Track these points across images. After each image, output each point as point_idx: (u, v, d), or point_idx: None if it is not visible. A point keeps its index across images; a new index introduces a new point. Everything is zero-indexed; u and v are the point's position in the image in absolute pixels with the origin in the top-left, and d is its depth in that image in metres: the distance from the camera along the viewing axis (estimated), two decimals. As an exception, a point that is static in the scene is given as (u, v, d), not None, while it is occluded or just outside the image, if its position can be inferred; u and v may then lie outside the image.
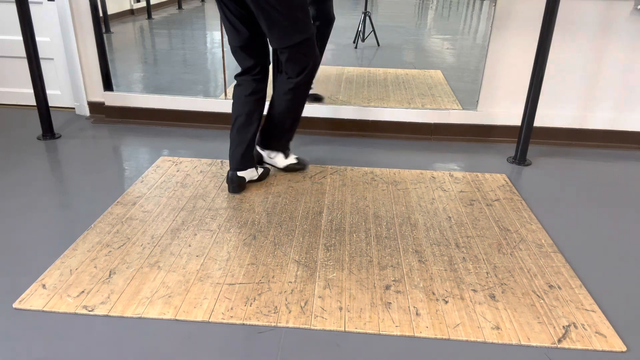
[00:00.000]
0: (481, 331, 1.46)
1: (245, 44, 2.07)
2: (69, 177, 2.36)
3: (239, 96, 2.17)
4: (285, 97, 2.18)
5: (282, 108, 2.21)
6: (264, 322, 1.47)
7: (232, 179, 2.20)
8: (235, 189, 2.22)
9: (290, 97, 2.17)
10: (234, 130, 2.19)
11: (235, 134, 2.18)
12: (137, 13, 3.95)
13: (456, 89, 3.36)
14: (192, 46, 4.08)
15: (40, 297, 1.54)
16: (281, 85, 2.18)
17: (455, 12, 4.65)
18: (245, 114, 2.16)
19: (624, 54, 2.76)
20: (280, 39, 2.01)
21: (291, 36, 2.01)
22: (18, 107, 3.28)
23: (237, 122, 2.18)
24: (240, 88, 2.17)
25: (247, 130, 2.18)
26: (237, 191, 2.22)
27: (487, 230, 1.99)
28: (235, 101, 2.18)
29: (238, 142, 2.18)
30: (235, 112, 2.18)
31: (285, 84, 2.16)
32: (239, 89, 2.17)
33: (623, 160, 2.77)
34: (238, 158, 2.19)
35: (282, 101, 2.19)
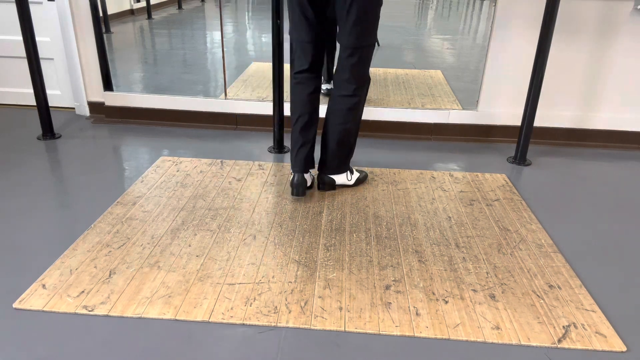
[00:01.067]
0: (481, 331, 1.46)
1: (314, 38, 2.03)
2: (69, 177, 2.36)
3: (301, 95, 2.11)
4: (350, 114, 2.10)
5: (348, 127, 2.12)
6: (264, 322, 1.47)
7: (299, 182, 2.14)
8: (300, 192, 2.16)
9: (355, 113, 2.11)
10: (297, 130, 2.12)
11: (299, 135, 2.13)
12: (137, 13, 3.95)
13: (456, 89, 3.36)
14: (192, 46, 4.08)
15: (40, 297, 1.54)
16: (342, 104, 2.09)
17: (455, 12, 4.65)
18: (309, 113, 2.11)
19: (624, 53, 2.76)
20: (362, 36, 1.96)
21: (369, 35, 1.99)
22: (18, 107, 3.28)
23: (299, 121, 2.12)
24: (301, 86, 2.11)
25: (311, 130, 2.14)
26: (301, 194, 2.17)
27: (487, 230, 1.99)
28: (297, 100, 2.12)
29: (303, 142, 2.14)
30: (296, 112, 2.12)
31: (346, 102, 2.08)
32: (300, 87, 2.11)
33: (623, 160, 2.77)
34: (303, 158, 2.14)
35: (346, 120, 2.11)
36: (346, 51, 2.01)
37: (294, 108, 2.14)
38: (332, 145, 2.16)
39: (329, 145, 2.17)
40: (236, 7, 4.95)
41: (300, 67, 2.11)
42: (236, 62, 3.87)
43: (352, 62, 2.02)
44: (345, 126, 2.12)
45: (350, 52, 2.00)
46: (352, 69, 2.03)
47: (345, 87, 2.06)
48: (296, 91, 2.13)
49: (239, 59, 3.94)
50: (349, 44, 1.99)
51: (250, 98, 3.08)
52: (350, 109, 2.09)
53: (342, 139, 2.14)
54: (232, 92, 3.24)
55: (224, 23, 4.48)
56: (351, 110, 2.09)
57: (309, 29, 2.01)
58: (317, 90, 2.14)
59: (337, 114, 2.11)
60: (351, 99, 2.08)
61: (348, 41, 1.98)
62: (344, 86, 2.07)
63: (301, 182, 2.15)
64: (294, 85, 2.14)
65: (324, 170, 2.23)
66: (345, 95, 2.08)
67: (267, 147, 2.77)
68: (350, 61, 2.02)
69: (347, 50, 2.00)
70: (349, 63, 2.02)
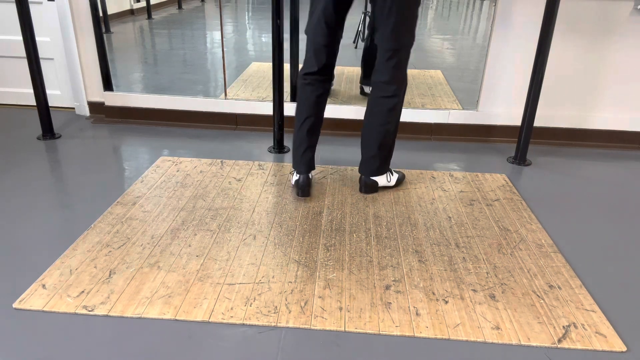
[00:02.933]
0: (481, 331, 1.46)
1: (330, 42, 2.03)
2: (69, 177, 2.36)
3: (309, 96, 2.10)
4: (390, 115, 2.08)
5: (388, 127, 2.10)
6: (264, 322, 1.47)
7: (304, 183, 2.15)
8: (306, 193, 2.18)
9: (394, 113, 2.09)
10: (303, 131, 2.12)
11: (305, 136, 2.12)
12: (137, 13, 3.95)
13: (456, 89, 3.36)
14: (192, 46, 4.08)
15: (40, 297, 1.54)
16: (382, 105, 2.07)
17: (455, 12, 4.65)
18: (315, 115, 2.11)
19: (624, 54, 2.76)
20: (402, 37, 1.96)
21: (409, 35, 1.98)
22: (18, 107, 3.28)
23: (306, 123, 2.11)
24: (311, 87, 2.09)
25: (317, 132, 2.15)
26: (307, 194, 2.18)
27: (487, 230, 1.99)
28: (304, 101, 2.10)
29: (308, 144, 2.14)
30: (304, 113, 2.11)
31: (387, 103, 2.06)
32: (309, 88, 2.10)
33: (623, 160, 2.77)
34: (308, 160, 2.15)
35: (386, 121, 2.09)
36: (386, 54, 1.99)
37: (301, 109, 2.12)
38: (373, 147, 2.14)
39: (370, 147, 2.15)
40: (236, 7, 4.95)
41: (311, 69, 2.09)
42: (236, 62, 3.87)
43: (392, 64, 2.00)
44: (385, 127, 2.10)
45: (391, 55, 1.99)
46: (392, 71, 2.02)
47: (385, 88, 2.05)
48: (305, 92, 2.11)
49: (239, 59, 3.94)
50: (389, 46, 1.97)
51: (250, 98, 3.08)
52: (391, 109, 2.07)
53: (383, 140, 2.12)
54: (232, 92, 3.24)
55: (224, 23, 4.47)
56: (391, 111, 2.08)
57: (327, 32, 2.00)
58: (325, 92, 2.13)
59: (377, 115, 2.09)
60: (391, 100, 2.06)
61: (388, 44, 1.97)
62: (383, 88, 2.05)
63: (307, 182, 2.16)
64: (302, 85, 2.12)
65: (366, 172, 2.21)
66: (385, 97, 2.06)
67: (267, 147, 2.77)
68: (390, 63, 2.00)
69: (388, 53, 1.99)
70: (389, 65, 2.01)
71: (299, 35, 3.00)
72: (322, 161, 2.60)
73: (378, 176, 2.22)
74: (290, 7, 2.93)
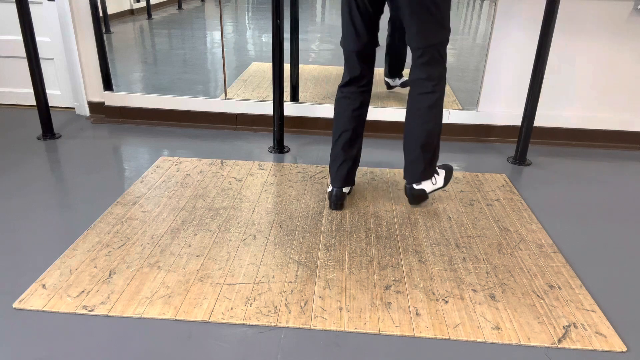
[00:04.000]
0: (481, 331, 1.46)
1: (362, 49, 1.95)
2: (69, 177, 2.36)
3: (345, 110, 2.03)
4: (431, 113, 1.97)
5: (430, 127, 1.99)
6: (264, 322, 1.47)
7: (337, 197, 2.09)
8: (339, 206, 2.11)
9: (436, 111, 1.98)
10: (339, 146, 2.06)
11: (340, 151, 2.06)
12: (137, 13, 3.95)
13: (456, 89, 3.36)
14: (192, 46, 4.08)
15: (40, 297, 1.54)
16: (421, 102, 1.97)
17: (455, 12, 4.65)
18: (352, 130, 2.05)
19: (624, 54, 2.76)
20: (430, 35, 1.88)
21: (441, 31, 1.89)
22: (18, 107, 3.28)
23: (342, 137, 2.05)
24: (347, 101, 2.03)
25: (354, 147, 2.08)
26: (339, 208, 2.11)
27: (487, 230, 1.99)
28: (341, 115, 2.05)
29: (344, 158, 2.07)
30: (340, 127, 2.05)
31: (426, 100, 1.96)
32: (345, 102, 2.04)
33: (623, 161, 2.77)
34: (344, 175, 2.08)
35: (427, 120, 1.98)
36: (417, 51, 1.92)
37: (338, 123, 2.07)
38: (416, 150, 2.02)
39: (412, 150, 2.04)
40: (236, 7, 4.95)
41: (345, 80, 2.03)
42: (236, 62, 3.87)
43: (424, 61, 1.92)
44: (426, 126, 1.98)
45: (421, 53, 1.91)
46: (426, 67, 1.93)
47: (423, 84, 1.96)
48: (341, 105, 2.05)
49: (239, 59, 3.94)
50: (418, 45, 1.90)
51: (250, 98, 3.08)
52: (431, 107, 1.96)
53: (425, 141, 2.00)
54: (232, 92, 3.24)
55: (224, 23, 4.48)
56: (431, 109, 1.97)
57: (356, 37, 1.93)
58: (363, 105, 2.06)
59: (416, 114, 1.99)
60: (430, 96, 1.95)
61: (417, 43, 1.89)
62: (421, 84, 1.96)
63: (340, 196, 2.10)
64: (339, 98, 2.06)
65: (411, 178, 2.08)
66: (424, 93, 1.96)
67: (267, 147, 2.77)
68: (422, 60, 1.92)
69: (418, 51, 1.91)
70: (421, 62, 1.93)
71: (299, 35, 3.00)
72: (322, 161, 2.60)
73: (423, 182, 2.09)
74: (290, 7, 2.93)
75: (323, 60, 3.94)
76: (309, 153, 2.70)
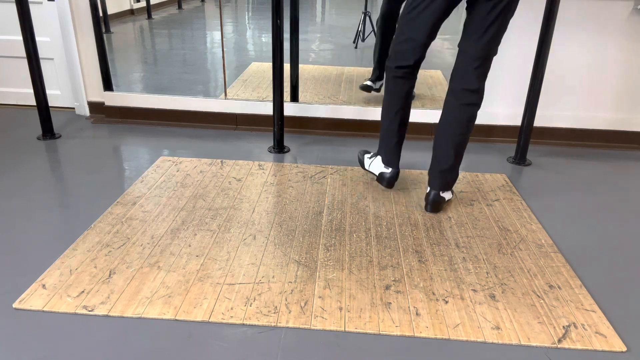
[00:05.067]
0: (481, 331, 1.46)
1: (428, 42, 2.01)
2: (69, 177, 2.36)
3: (401, 89, 2.08)
4: (471, 125, 2.01)
5: (467, 139, 2.03)
6: (264, 322, 1.47)
7: (394, 176, 2.19)
8: (392, 184, 2.22)
9: (473, 123, 2.02)
10: (395, 125, 2.12)
11: (397, 129, 2.13)
12: (137, 13, 3.95)
13: (456, 89, 3.35)
14: (192, 46, 4.08)
15: (40, 297, 1.54)
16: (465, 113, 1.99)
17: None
18: (406, 108, 2.11)
19: (624, 54, 2.76)
20: (494, 46, 1.92)
21: (498, 44, 1.94)
22: (18, 107, 3.28)
23: (397, 115, 2.11)
24: (403, 80, 2.07)
25: (407, 125, 2.17)
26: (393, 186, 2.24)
27: (487, 230, 1.99)
28: (396, 94, 2.08)
29: (399, 137, 2.16)
30: (396, 106, 2.10)
31: (470, 111, 1.98)
32: (401, 81, 2.07)
33: (623, 161, 2.77)
34: (399, 153, 2.19)
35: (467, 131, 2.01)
36: (476, 62, 1.92)
37: (394, 102, 2.10)
38: (451, 159, 2.03)
39: (447, 159, 2.04)
40: (236, 7, 4.95)
41: (405, 63, 2.04)
42: (236, 62, 3.87)
43: (480, 73, 1.94)
44: (464, 137, 2.02)
45: (481, 63, 1.92)
46: (480, 79, 1.95)
47: (471, 96, 1.97)
48: (397, 85, 2.08)
49: (239, 59, 3.94)
50: (482, 54, 1.91)
51: (250, 98, 3.08)
52: (472, 118, 1.99)
53: (461, 151, 2.04)
54: (232, 92, 3.24)
55: (224, 23, 4.48)
56: (472, 120, 2.00)
57: (430, 32, 1.96)
58: (413, 86, 2.12)
59: (457, 124, 2.00)
60: (475, 108, 1.99)
61: (482, 51, 1.91)
62: (469, 95, 1.97)
63: (397, 175, 2.21)
64: (394, 78, 2.08)
65: (442, 187, 2.08)
66: (470, 104, 1.98)
67: (267, 147, 2.77)
68: (479, 72, 1.94)
69: (478, 61, 1.92)
70: (478, 74, 1.94)
71: (299, 35, 3.00)
72: (322, 161, 2.60)
73: (448, 191, 2.12)
74: (290, 7, 2.93)
75: (323, 60, 3.94)
76: (309, 153, 2.71)
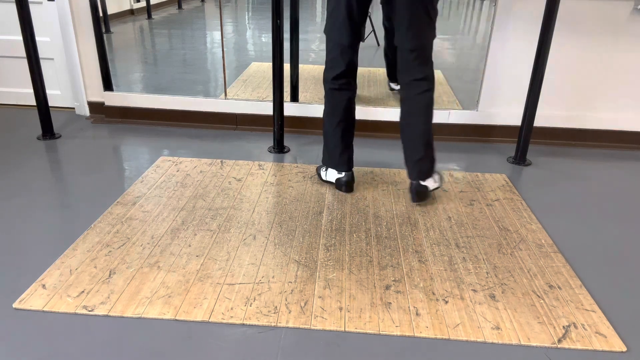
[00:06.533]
0: (481, 331, 1.46)
1: (355, 42, 2.05)
2: (69, 177, 2.36)
3: (340, 101, 2.12)
4: (430, 111, 2.05)
5: (430, 125, 2.06)
6: (264, 322, 1.47)
7: (349, 179, 2.24)
8: (350, 188, 2.25)
9: (432, 109, 2.06)
10: (338, 136, 2.16)
11: (340, 140, 2.17)
12: (137, 13, 3.95)
13: (456, 89, 3.36)
14: (192, 46, 4.08)
15: (40, 297, 1.54)
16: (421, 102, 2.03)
17: (455, 12, 4.65)
18: (347, 119, 2.15)
19: (624, 53, 2.76)
20: (424, 36, 1.96)
21: (433, 31, 1.97)
22: (18, 107, 3.28)
23: (339, 127, 2.15)
24: (342, 93, 2.11)
25: (352, 132, 2.20)
26: (351, 189, 2.26)
27: (487, 230, 1.99)
28: (336, 107, 2.13)
29: (345, 146, 2.19)
30: (337, 117, 2.14)
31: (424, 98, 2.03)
32: (340, 93, 2.11)
33: (623, 160, 2.77)
34: (347, 160, 2.22)
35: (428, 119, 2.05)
36: (413, 53, 1.97)
37: (334, 113, 2.14)
38: (421, 148, 2.07)
39: (418, 149, 2.07)
40: (236, 7, 4.95)
41: (338, 70, 2.08)
42: (236, 62, 3.87)
43: (419, 62, 1.99)
44: (428, 125, 2.05)
45: (417, 54, 1.97)
46: (421, 67, 2.00)
47: (420, 84, 2.02)
48: (335, 98, 2.12)
49: (239, 59, 3.94)
50: (415, 45, 1.95)
51: (250, 98, 3.08)
52: (429, 105, 2.04)
53: (429, 139, 2.07)
54: (232, 92, 3.24)
55: (224, 23, 4.47)
56: (430, 107, 2.05)
57: (352, 32, 2.01)
58: (354, 94, 2.15)
59: (417, 114, 2.05)
60: (428, 95, 2.03)
61: (412, 44, 1.95)
62: (418, 85, 2.02)
63: (352, 178, 2.25)
64: (332, 91, 2.12)
65: (419, 176, 2.11)
66: (422, 92, 2.02)
67: (267, 147, 2.77)
68: (419, 61, 1.99)
69: (414, 52, 1.97)
70: (417, 64, 1.99)
71: (299, 35, 3.00)
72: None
73: (428, 179, 2.13)
74: (290, 7, 2.93)
75: (323, 60, 3.94)
76: (309, 153, 2.70)
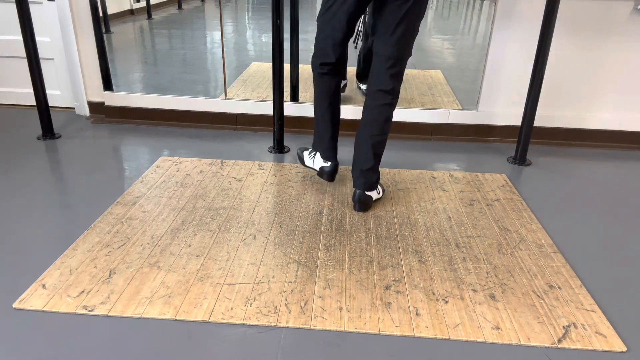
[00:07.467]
0: (481, 331, 1.46)
1: (347, 38, 2.07)
2: (69, 177, 2.36)
3: (329, 85, 2.14)
4: (388, 125, 2.05)
5: (385, 138, 2.07)
6: (264, 322, 1.47)
7: (334, 169, 2.24)
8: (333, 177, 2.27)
9: (390, 124, 2.06)
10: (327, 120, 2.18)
11: (330, 124, 2.19)
12: (137, 13, 3.95)
13: (456, 89, 3.36)
14: (192, 46, 4.08)
15: (40, 297, 1.54)
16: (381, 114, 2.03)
17: (455, 12, 4.65)
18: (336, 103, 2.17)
19: (624, 54, 2.76)
20: (404, 48, 1.96)
21: (410, 46, 1.98)
22: (18, 107, 3.28)
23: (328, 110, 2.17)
24: (328, 76, 2.12)
25: (339, 119, 2.21)
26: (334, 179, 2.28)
27: (487, 230, 1.99)
28: (325, 90, 2.15)
29: (333, 132, 2.21)
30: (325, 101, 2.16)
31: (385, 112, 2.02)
32: (327, 77, 2.13)
33: (623, 160, 2.77)
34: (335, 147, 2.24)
35: (384, 132, 2.05)
36: (389, 61, 1.97)
37: (323, 97, 2.16)
38: (371, 160, 2.06)
39: (368, 159, 2.06)
40: (236, 7, 4.95)
41: (328, 60, 2.09)
42: (236, 62, 3.87)
43: (393, 72, 1.99)
44: (382, 137, 2.05)
45: (393, 63, 1.97)
46: (393, 79, 2.00)
47: (385, 96, 2.01)
48: (323, 81, 2.14)
49: (238, 59, 3.94)
50: (393, 54, 1.95)
51: (250, 98, 3.08)
52: (388, 118, 2.04)
53: (379, 152, 2.08)
54: (232, 92, 3.24)
55: (224, 23, 4.47)
56: (388, 121, 2.05)
57: (347, 29, 2.02)
58: (340, 83, 2.17)
59: (374, 125, 2.04)
60: (390, 109, 2.03)
61: (392, 52, 1.95)
62: (383, 96, 2.01)
63: (335, 169, 2.25)
64: (320, 75, 2.13)
65: (365, 187, 2.09)
66: (385, 105, 2.02)
67: (267, 147, 2.77)
68: (391, 71, 1.98)
69: (390, 61, 1.96)
70: (390, 73, 1.98)
71: (299, 35, 3.00)
72: (322, 161, 2.60)
73: (372, 191, 2.13)
74: (290, 7, 2.93)
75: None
76: (309, 153, 2.70)
